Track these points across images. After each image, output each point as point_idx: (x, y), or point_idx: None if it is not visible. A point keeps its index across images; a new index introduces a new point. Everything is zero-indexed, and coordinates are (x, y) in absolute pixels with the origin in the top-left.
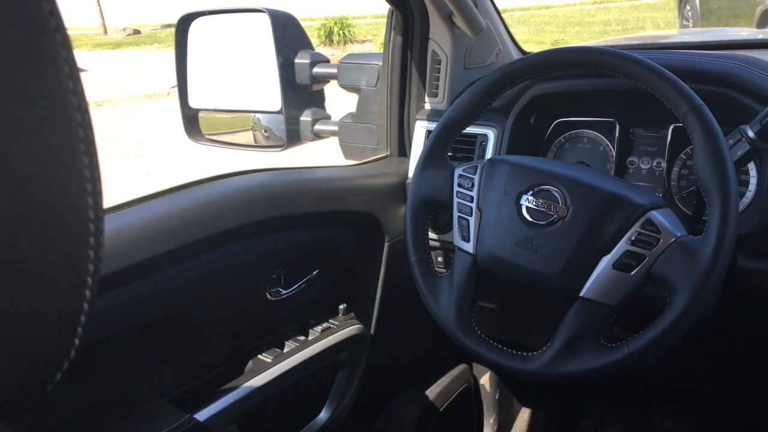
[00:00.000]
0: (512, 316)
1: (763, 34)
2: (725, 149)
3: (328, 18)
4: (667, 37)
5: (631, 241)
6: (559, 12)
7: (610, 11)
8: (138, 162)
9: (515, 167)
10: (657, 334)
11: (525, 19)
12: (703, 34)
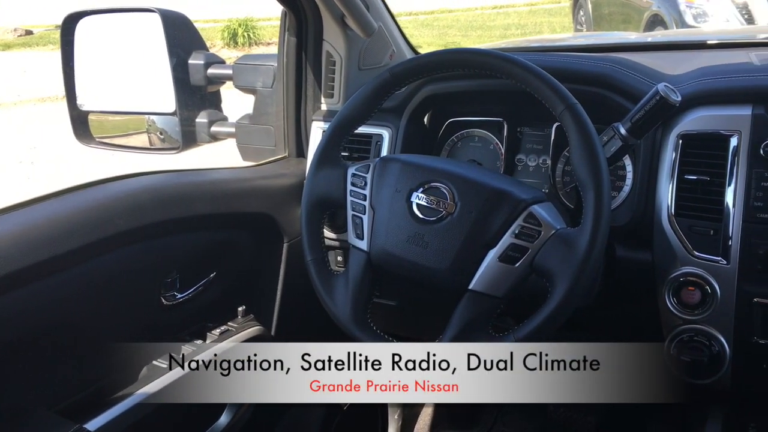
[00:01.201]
0: (411, 312)
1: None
2: (598, 146)
3: (231, 20)
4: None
5: (515, 235)
6: (461, 16)
7: (510, 16)
8: (31, 168)
9: (406, 165)
10: (539, 322)
11: (429, 23)
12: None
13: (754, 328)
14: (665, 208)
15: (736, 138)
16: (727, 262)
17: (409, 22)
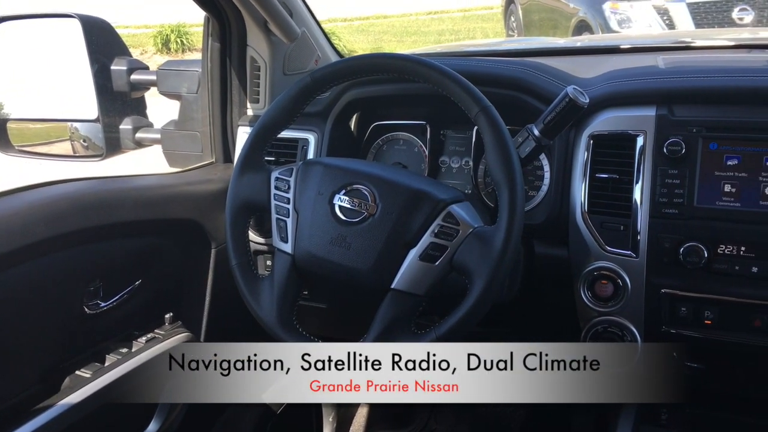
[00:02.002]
0: (341, 313)
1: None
2: (511, 147)
3: (164, 25)
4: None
5: (435, 234)
6: (396, 22)
7: (444, 21)
8: None
9: (328, 168)
10: (459, 318)
11: (364, 29)
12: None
13: (663, 318)
14: (579, 205)
15: (642, 137)
16: (636, 256)
17: (344, 28)
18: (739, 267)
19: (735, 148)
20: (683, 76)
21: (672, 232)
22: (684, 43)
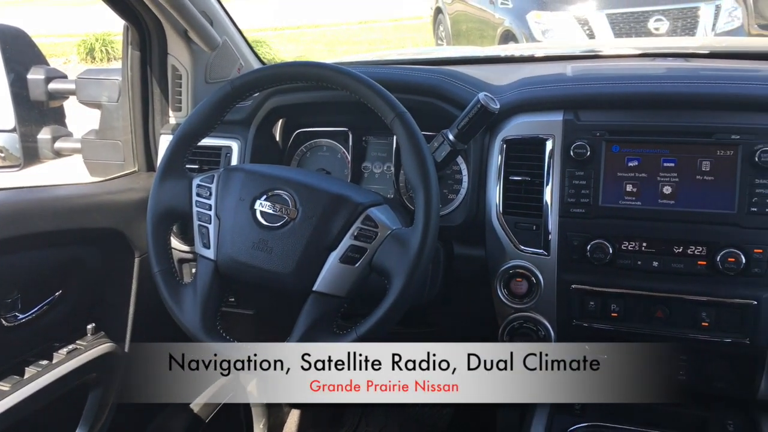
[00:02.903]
0: (268, 319)
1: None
2: (426, 151)
3: (88, 34)
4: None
5: (354, 236)
6: (327, 31)
7: (375, 31)
8: None
9: (249, 175)
10: (379, 318)
11: (295, 38)
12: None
13: (573, 312)
14: (494, 207)
15: (551, 141)
16: (548, 254)
17: (274, 37)
18: (641, 262)
19: (635, 151)
20: (588, 83)
21: (580, 230)
22: (594, 52)
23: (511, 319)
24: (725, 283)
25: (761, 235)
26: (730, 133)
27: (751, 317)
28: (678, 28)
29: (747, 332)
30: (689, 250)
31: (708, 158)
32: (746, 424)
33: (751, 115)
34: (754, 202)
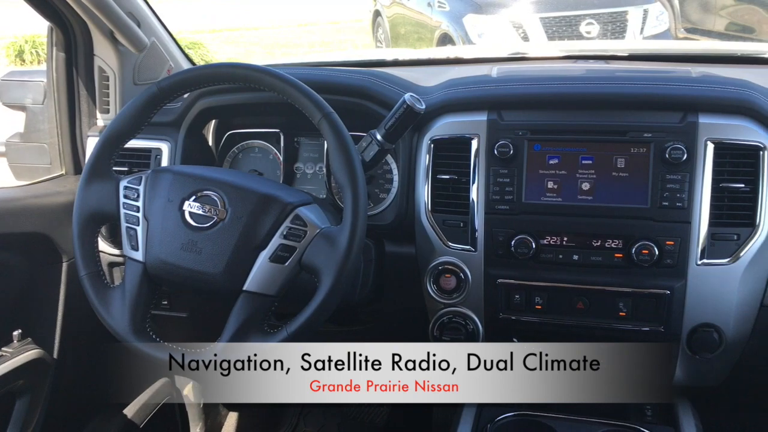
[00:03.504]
0: (201, 321)
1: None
2: (353, 151)
3: (17, 36)
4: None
5: (284, 235)
6: (266, 33)
7: (315, 34)
8: None
9: (178, 176)
10: (309, 315)
11: (233, 40)
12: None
13: (500, 306)
14: (423, 205)
15: (476, 141)
16: (475, 250)
17: (212, 39)
18: (563, 256)
19: (555, 149)
20: (511, 84)
21: (504, 226)
22: (520, 55)
23: (441, 314)
24: (640, 274)
25: (672, 228)
26: (643, 131)
27: (665, 306)
28: (608, 32)
29: (661, 320)
30: (607, 243)
31: (623, 156)
32: (663, 408)
33: (662, 114)
34: (666, 197)
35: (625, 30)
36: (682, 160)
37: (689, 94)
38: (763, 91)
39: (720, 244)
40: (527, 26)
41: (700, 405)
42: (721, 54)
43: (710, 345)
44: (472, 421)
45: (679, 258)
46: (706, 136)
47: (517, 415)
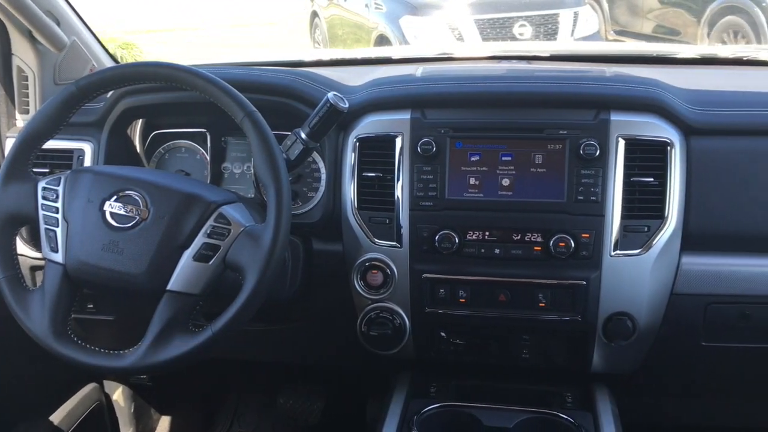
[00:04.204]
0: (128, 323)
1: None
2: (276, 149)
3: None
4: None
5: (207, 234)
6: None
7: (252, 34)
8: None
9: (98, 176)
10: (234, 313)
11: (168, 40)
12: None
13: (425, 300)
14: (349, 203)
15: (400, 139)
16: (400, 246)
17: (147, 40)
18: (485, 250)
19: (476, 146)
20: (434, 83)
21: (428, 222)
22: (447, 55)
23: (369, 309)
24: (558, 266)
25: (587, 221)
26: (558, 128)
27: (582, 296)
28: (541, 33)
29: (578, 310)
30: (526, 237)
31: (540, 152)
32: (582, 395)
33: (576, 111)
34: (581, 191)
35: (557, 32)
36: (595, 155)
37: (601, 92)
38: (672, 90)
39: (632, 235)
40: (462, 28)
41: (618, 390)
42: (636, 55)
43: (624, 332)
44: (399, 414)
45: (594, 250)
46: (617, 133)
47: (443, 407)
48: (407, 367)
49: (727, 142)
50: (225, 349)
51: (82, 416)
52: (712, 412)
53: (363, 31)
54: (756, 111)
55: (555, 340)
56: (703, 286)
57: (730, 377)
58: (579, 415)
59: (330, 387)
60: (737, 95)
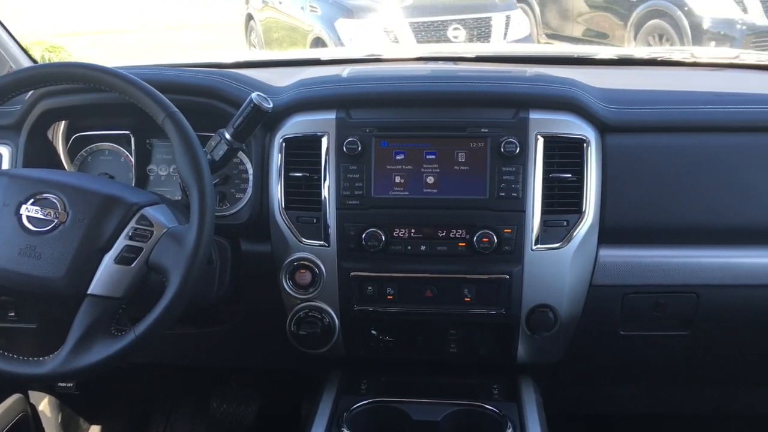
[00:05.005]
0: (52, 331)
1: (305, 55)
2: (199, 150)
3: None
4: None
5: (129, 236)
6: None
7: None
8: None
9: (14, 179)
10: (158, 315)
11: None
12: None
13: (353, 298)
14: (277, 203)
15: (326, 139)
16: (328, 245)
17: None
18: (411, 247)
19: (401, 145)
20: (359, 83)
21: (355, 221)
22: (375, 56)
23: (298, 309)
24: (482, 261)
25: (509, 216)
26: (480, 126)
27: (505, 290)
28: (474, 36)
29: (502, 304)
30: (451, 233)
31: (463, 150)
32: (508, 386)
33: (497, 110)
34: (502, 188)
35: (490, 35)
36: (515, 153)
37: (520, 91)
38: (588, 89)
39: (552, 230)
40: (397, 31)
41: (543, 381)
42: (558, 56)
43: (546, 324)
44: (329, 412)
45: (516, 244)
46: (536, 131)
47: (372, 402)
48: (339, 366)
49: (640, 139)
50: (154, 353)
51: (6, 428)
52: (632, 399)
53: (299, 34)
54: (668, 109)
55: (481, 334)
56: (620, 278)
57: (648, 365)
58: (504, 406)
59: (264, 388)
60: (650, 94)
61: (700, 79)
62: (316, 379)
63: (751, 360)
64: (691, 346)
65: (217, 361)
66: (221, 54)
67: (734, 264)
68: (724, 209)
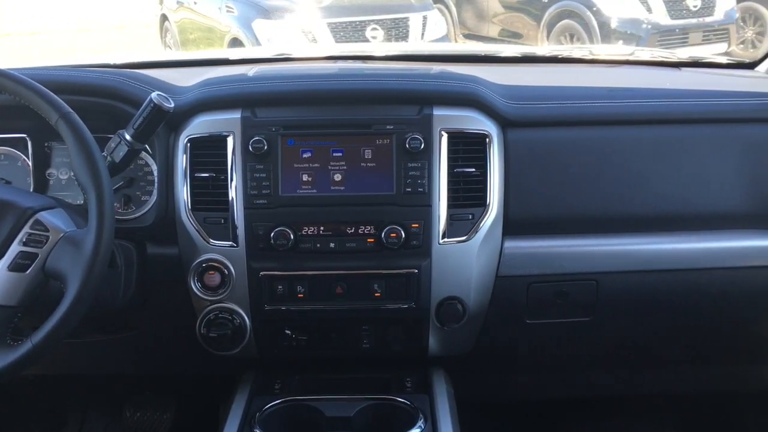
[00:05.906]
0: None
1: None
2: (95, 151)
3: None
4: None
5: (23, 242)
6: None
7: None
8: None
9: None
10: (56, 323)
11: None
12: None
13: (264, 298)
14: (183, 204)
15: (232, 138)
16: (237, 245)
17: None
18: (320, 244)
19: (308, 143)
20: (264, 82)
21: (263, 220)
22: (285, 55)
23: (207, 311)
24: (391, 256)
25: (416, 212)
26: (385, 123)
27: (414, 284)
28: (392, 37)
29: (412, 297)
30: (360, 230)
31: (369, 147)
32: (420, 379)
33: (401, 107)
34: (408, 184)
35: (408, 35)
36: (420, 149)
37: (423, 88)
38: (489, 86)
39: (458, 223)
40: (315, 31)
41: (454, 372)
42: (464, 54)
43: (455, 316)
44: (241, 414)
45: (424, 239)
46: (440, 127)
47: (284, 402)
48: (253, 367)
49: (540, 133)
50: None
51: None
52: (542, 387)
53: (216, 35)
54: (566, 104)
55: (392, 328)
56: (524, 268)
57: (554, 351)
58: (416, 398)
59: (179, 394)
60: (550, 90)
61: (597, 75)
62: (231, 381)
63: (650, 341)
64: (594, 332)
65: (129, 369)
66: (130, 55)
67: (631, 251)
68: (620, 199)
